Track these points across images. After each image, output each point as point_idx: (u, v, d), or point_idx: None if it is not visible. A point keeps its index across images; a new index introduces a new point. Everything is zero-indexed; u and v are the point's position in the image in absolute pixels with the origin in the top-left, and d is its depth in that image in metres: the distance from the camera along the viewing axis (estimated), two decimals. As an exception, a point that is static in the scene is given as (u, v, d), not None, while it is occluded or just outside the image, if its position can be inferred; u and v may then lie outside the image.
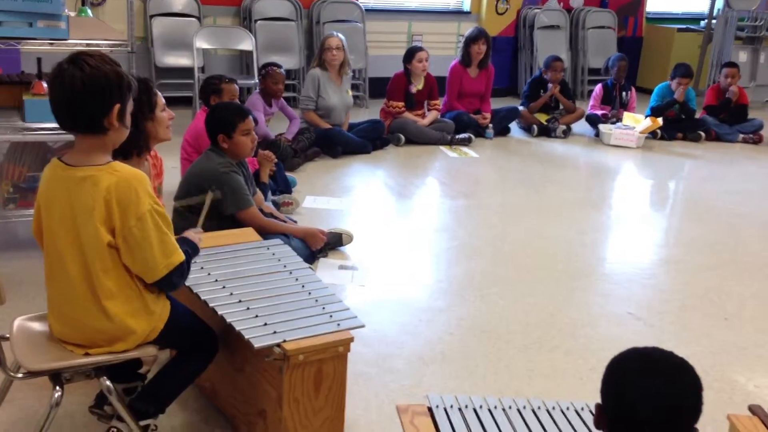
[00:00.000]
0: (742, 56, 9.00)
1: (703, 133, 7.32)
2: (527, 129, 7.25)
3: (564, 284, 3.86)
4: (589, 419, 2.16)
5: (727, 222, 5.06)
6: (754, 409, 2.32)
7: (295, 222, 4.05)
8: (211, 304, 2.29)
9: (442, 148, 6.49)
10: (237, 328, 2.17)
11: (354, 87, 7.65)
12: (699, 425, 2.59)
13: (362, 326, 2.36)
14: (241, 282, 2.47)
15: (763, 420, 2.25)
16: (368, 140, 6.15)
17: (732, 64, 7.58)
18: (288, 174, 5.04)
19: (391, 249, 4.22)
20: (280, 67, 5.59)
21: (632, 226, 4.97)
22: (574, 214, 5.03)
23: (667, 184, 6.08)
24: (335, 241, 4.01)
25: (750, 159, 6.88)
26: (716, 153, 6.98)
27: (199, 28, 7.13)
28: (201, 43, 7.04)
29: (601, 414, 1.48)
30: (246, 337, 2.14)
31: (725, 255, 4.41)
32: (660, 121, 7.11)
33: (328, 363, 2.23)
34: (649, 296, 3.78)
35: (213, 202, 3.11)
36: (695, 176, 6.32)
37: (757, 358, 3.19)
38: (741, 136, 7.38)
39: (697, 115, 7.55)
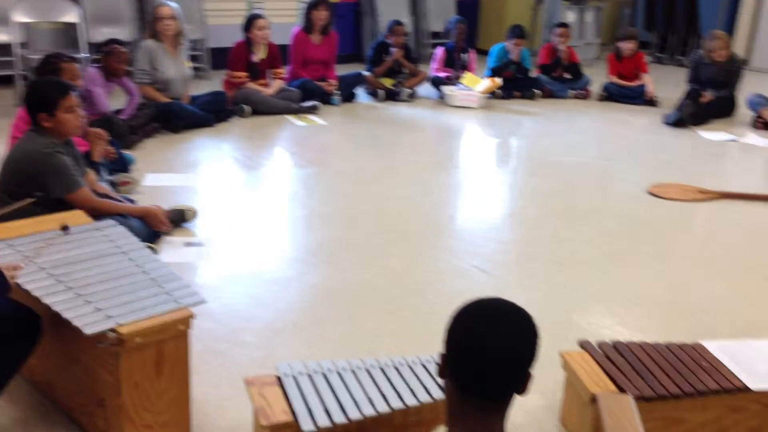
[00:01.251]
0: (570, 16, 9.49)
1: (538, 91, 7.68)
2: (373, 94, 7.31)
3: (413, 244, 3.94)
4: (435, 371, 2.22)
5: (563, 173, 5.35)
6: (583, 345, 2.48)
7: (133, 202, 3.88)
8: (35, 293, 2.15)
9: (288, 117, 6.41)
10: (65, 316, 2.04)
11: (194, 58, 7.39)
12: (539, 363, 2.75)
13: (203, 302, 2.30)
14: (69, 268, 2.33)
15: (591, 354, 2.40)
16: (211, 113, 5.96)
17: (563, 25, 7.98)
18: (125, 152, 4.79)
19: (240, 222, 4.13)
20: (123, 44, 5.30)
21: (478, 183, 5.16)
22: (423, 176, 5.13)
23: (509, 142, 6.34)
24: (178, 218, 3.87)
25: (581, 113, 7.30)
26: (551, 109, 7.35)
27: (18, 0, 6.59)
28: (20, 17, 6.52)
29: (445, 363, 1.51)
30: (75, 323, 2.02)
31: (560, 205, 4.67)
32: (499, 81, 7.38)
33: (168, 343, 2.15)
34: (492, 249, 3.94)
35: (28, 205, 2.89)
36: (533, 132, 6.62)
37: (589, 298, 3.41)
38: (571, 92, 7.82)
39: (533, 74, 7.91)
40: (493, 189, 5.05)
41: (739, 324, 3.18)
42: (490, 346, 1.40)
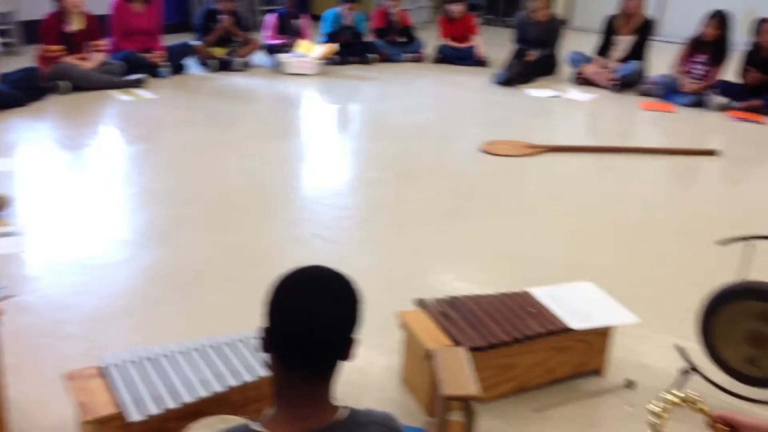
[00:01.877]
0: (401, -20, 9.56)
1: (373, 56, 7.71)
2: (205, 64, 7.04)
3: (252, 217, 3.84)
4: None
5: (402, 136, 5.41)
6: (420, 303, 2.51)
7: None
8: None
9: (112, 92, 6.04)
10: None
11: (2, 33, 6.77)
12: (381, 324, 2.77)
13: (11, 296, 2.10)
14: None
15: (427, 311, 2.44)
16: (22, 91, 5.49)
17: (394, -11, 8.02)
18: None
19: (64, 207, 3.85)
20: None
21: (318, 151, 5.11)
22: (262, 147, 5.01)
23: (348, 107, 6.32)
24: (-11, 207, 3.55)
25: (417, 76, 7.41)
26: (387, 73, 7.41)
27: None
28: None
29: (267, 337, 1.45)
30: None
31: (400, 167, 4.72)
32: (334, 46, 7.33)
33: (-29, 344, 1.96)
34: (333, 215, 3.91)
35: None
36: (371, 97, 6.64)
37: (429, 256, 3.47)
38: (407, 55, 7.91)
39: (367, 39, 7.92)
40: (333, 156, 5.02)
41: (563, 268, 3.35)
42: (310, 314, 1.36)
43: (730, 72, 6.56)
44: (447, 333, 2.31)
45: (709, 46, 6.54)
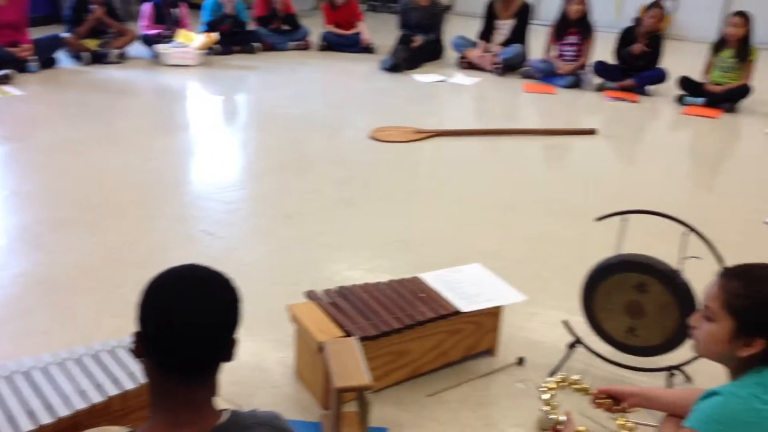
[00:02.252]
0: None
1: (257, 45, 7.55)
2: (77, 57, 6.68)
3: (132, 216, 3.67)
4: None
5: (290, 126, 5.32)
6: (309, 295, 2.47)
7: None
8: None
9: (-24, 89, 5.65)
10: None
11: None
12: (273, 319, 2.71)
13: None
14: None
15: (318, 302, 2.40)
16: None
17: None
18: None
19: None
20: None
21: (203, 144, 4.94)
22: (143, 142, 4.80)
23: (233, 98, 6.16)
24: None
25: (303, 64, 7.32)
26: (273, 62, 7.28)
27: None
28: None
29: (140, 341, 1.36)
30: None
31: (288, 157, 4.64)
32: (215, 35, 7.13)
33: None
34: (220, 210, 3.80)
35: None
36: (257, 86, 6.51)
37: (320, 247, 3.43)
38: (292, 43, 7.80)
39: (250, 27, 7.75)
40: (220, 148, 4.87)
41: (454, 252, 3.39)
42: (183, 316, 1.28)
43: (604, 53, 6.82)
44: (338, 324, 2.27)
45: (575, 25, 6.77)
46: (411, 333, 2.33)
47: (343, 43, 7.83)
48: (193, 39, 6.98)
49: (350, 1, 7.90)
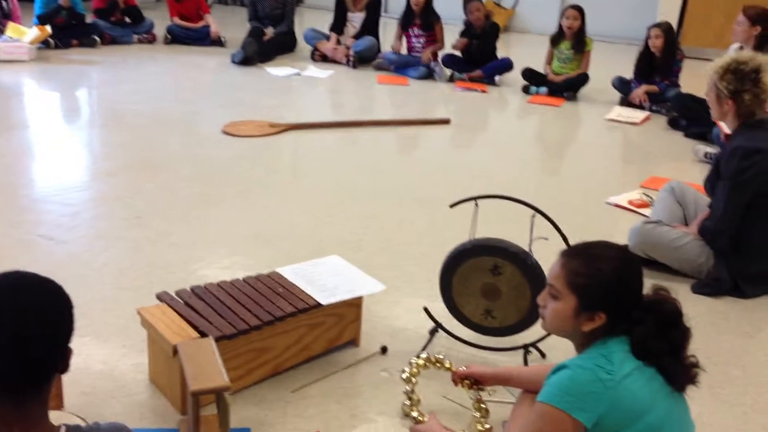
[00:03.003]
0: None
1: (97, 38, 7.15)
2: None
3: (-40, 223, 3.36)
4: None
5: (138, 123, 5.07)
6: (160, 297, 2.35)
7: None
8: None
9: None
10: None
11: None
12: (123, 324, 2.55)
13: None
14: None
15: (170, 304, 2.28)
16: None
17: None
18: None
19: None
20: None
21: (42, 144, 4.60)
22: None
23: (73, 95, 5.79)
24: None
25: (149, 58, 7.00)
26: (116, 56, 6.91)
27: None
28: None
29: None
30: None
31: (136, 156, 4.42)
32: (48, 29, 6.67)
33: None
34: (63, 213, 3.55)
35: None
36: (100, 82, 6.15)
37: (172, 247, 3.27)
38: (136, 36, 7.45)
39: (89, 20, 7.31)
40: (60, 148, 4.55)
41: (314, 244, 3.35)
42: (8, 329, 1.16)
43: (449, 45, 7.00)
44: (192, 325, 2.17)
45: (420, 17, 6.91)
46: (270, 329, 2.27)
47: (191, 36, 7.57)
48: (24, 33, 6.50)
49: (195, -8, 7.65)
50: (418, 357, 2.25)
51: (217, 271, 3.04)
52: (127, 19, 7.47)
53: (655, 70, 6.10)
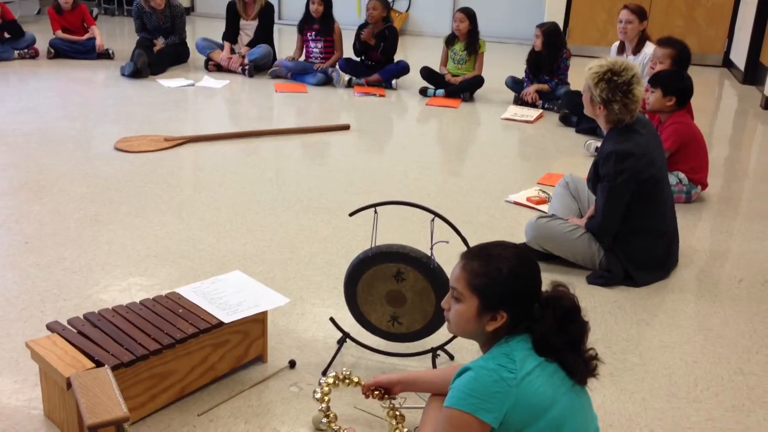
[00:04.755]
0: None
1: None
2: None
3: None
4: None
5: (22, 142, 4.81)
6: (51, 327, 2.23)
7: None
8: None
9: None
10: None
11: None
12: (13, 358, 2.41)
13: None
14: None
15: (61, 334, 2.17)
16: None
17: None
18: None
19: None
20: None
21: None
22: None
23: (-53, 116, 5.45)
24: None
25: (32, 74, 6.68)
26: (-4, 73, 6.57)
27: None
28: None
29: None
30: None
31: (22, 178, 4.19)
32: None
33: None
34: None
35: None
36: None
37: (65, 271, 3.12)
38: (16, 52, 7.10)
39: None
40: (-67, 173, 4.27)
41: (216, 260, 3.27)
42: None
43: (349, 50, 7.01)
44: (87, 354, 2.07)
45: (316, 21, 6.89)
46: (172, 352, 2.19)
47: (77, 49, 7.26)
48: None
49: (79, 4, 7.34)
50: (326, 376, 2.23)
51: (114, 294, 2.93)
52: (6, 35, 7.10)
53: (543, 68, 6.30)
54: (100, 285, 3.02)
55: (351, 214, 2.45)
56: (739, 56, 8.03)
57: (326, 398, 2.15)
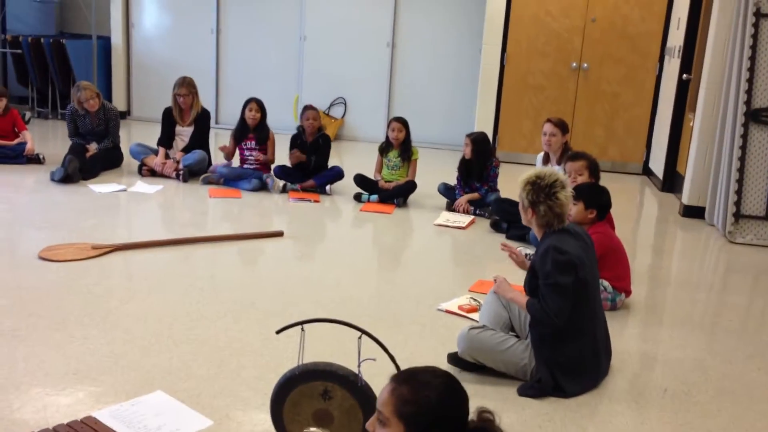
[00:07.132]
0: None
1: None
2: None
3: None
4: None
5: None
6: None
7: None
8: None
9: None
10: None
11: None
12: None
13: None
14: None
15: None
16: None
17: None
18: None
19: None
20: None
21: None
22: None
23: None
24: None
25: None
26: None
27: None
28: None
29: None
30: None
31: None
32: None
33: None
34: None
35: None
36: None
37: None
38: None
39: None
40: None
41: (136, 379, 3.14)
42: None
43: (284, 157, 7.10)
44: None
45: (252, 131, 7.01)
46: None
47: (6, 154, 7.15)
48: None
49: (11, 109, 7.29)
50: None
51: (28, 416, 2.77)
52: None
53: (473, 175, 6.50)
54: (13, 407, 2.86)
55: (278, 332, 2.42)
56: (658, 165, 8.46)
57: None
